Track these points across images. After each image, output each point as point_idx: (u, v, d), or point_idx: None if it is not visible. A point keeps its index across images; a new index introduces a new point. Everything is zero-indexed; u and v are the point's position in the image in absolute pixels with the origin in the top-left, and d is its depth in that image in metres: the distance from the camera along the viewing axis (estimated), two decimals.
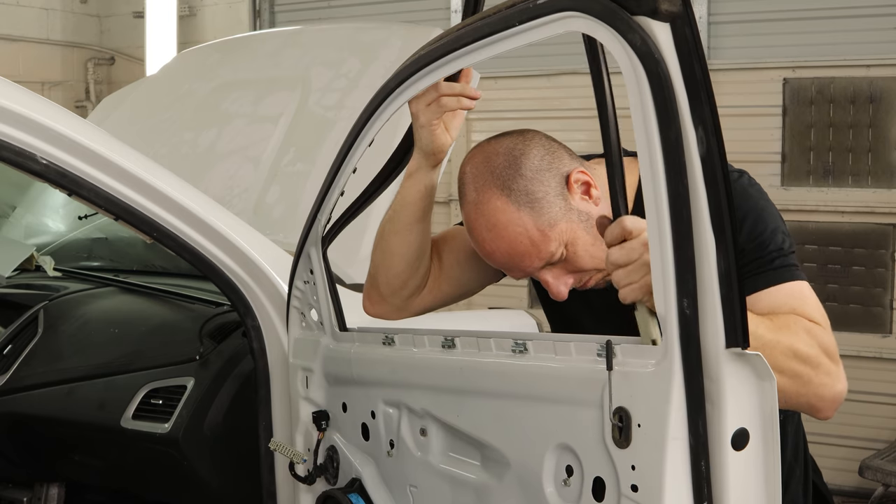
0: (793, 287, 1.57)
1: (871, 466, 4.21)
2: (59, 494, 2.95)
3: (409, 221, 1.80)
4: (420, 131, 1.73)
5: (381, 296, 1.91)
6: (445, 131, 1.74)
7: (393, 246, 1.83)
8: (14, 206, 3.75)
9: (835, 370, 1.48)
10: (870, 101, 4.66)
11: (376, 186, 1.92)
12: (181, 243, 2.15)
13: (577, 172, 1.66)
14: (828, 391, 1.46)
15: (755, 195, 1.66)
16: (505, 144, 1.68)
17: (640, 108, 1.23)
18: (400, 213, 1.80)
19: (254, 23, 6.59)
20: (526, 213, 1.61)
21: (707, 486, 1.26)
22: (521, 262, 1.66)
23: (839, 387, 1.48)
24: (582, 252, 1.64)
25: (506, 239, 1.64)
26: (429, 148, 1.74)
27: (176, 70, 3.88)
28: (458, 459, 1.70)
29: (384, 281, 1.88)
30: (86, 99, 7.04)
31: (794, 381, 1.43)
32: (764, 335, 1.40)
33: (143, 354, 2.74)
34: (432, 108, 1.70)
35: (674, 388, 1.24)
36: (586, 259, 1.65)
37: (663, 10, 1.19)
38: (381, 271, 1.88)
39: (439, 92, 1.69)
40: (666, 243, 1.23)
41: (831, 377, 1.47)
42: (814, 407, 1.48)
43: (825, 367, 1.46)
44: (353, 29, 3.67)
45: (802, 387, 1.45)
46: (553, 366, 1.45)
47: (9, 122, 1.86)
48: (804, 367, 1.44)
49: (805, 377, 1.44)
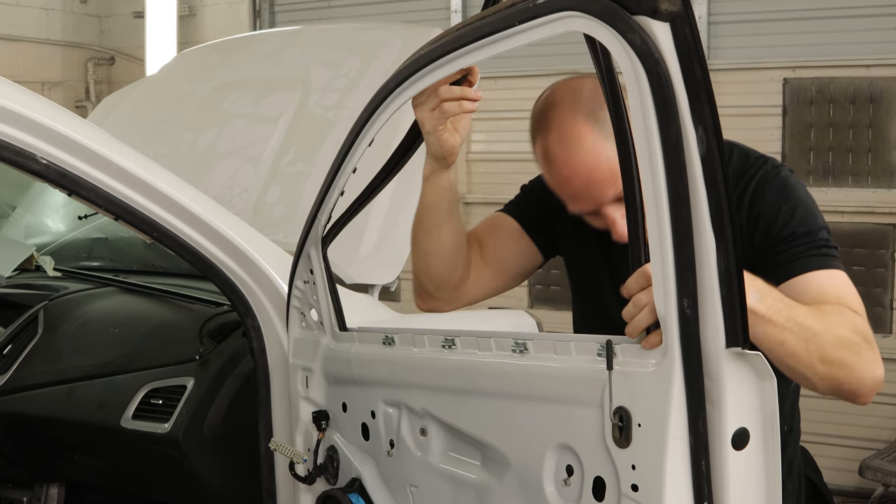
0: (839, 276, 1.64)
1: (871, 466, 4.21)
2: (59, 494, 2.95)
3: (436, 222, 1.88)
4: (427, 137, 1.77)
5: (429, 293, 2.01)
6: (454, 132, 1.77)
7: (426, 247, 1.93)
8: (14, 206, 3.75)
9: (873, 357, 1.54)
10: (870, 101, 4.66)
11: (374, 186, 1.92)
12: (181, 243, 2.15)
13: None
14: (868, 376, 1.52)
15: (801, 188, 1.75)
16: (589, 82, 1.71)
17: (640, 108, 1.23)
18: (426, 216, 1.89)
19: (254, 23, 6.59)
20: (609, 144, 1.62)
21: (707, 486, 1.26)
22: (597, 190, 1.70)
23: (878, 372, 1.53)
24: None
25: (587, 164, 1.69)
26: (438, 152, 1.78)
27: (176, 70, 3.88)
28: (459, 459, 1.70)
29: (427, 280, 1.98)
30: (86, 99, 7.04)
31: (840, 370, 1.49)
32: (813, 326, 1.46)
33: (143, 354, 2.74)
34: (436, 114, 1.73)
35: (674, 387, 1.24)
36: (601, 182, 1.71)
37: (663, 10, 1.19)
38: (422, 272, 1.98)
39: (440, 97, 1.71)
40: (666, 243, 1.23)
41: (871, 363, 1.52)
42: (855, 393, 1.52)
43: (866, 354, 1.52)
44: (353, 29, 3.67)
45: (847, 374, 1.50)
46: (553, 365, 1.45)
47: (9, 122, 1.85)
48: (849, 354, 1.50)
49: (850, 364, 1.49)
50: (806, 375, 1.49)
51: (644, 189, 1.26)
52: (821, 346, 1.47)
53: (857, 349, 1.51)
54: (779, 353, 1.45)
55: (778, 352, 1.44)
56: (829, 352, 1.48)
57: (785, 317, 1.44)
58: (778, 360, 1.44)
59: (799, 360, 1.46)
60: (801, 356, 1.46)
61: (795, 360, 1.46)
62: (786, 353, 1.45)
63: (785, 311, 1.44)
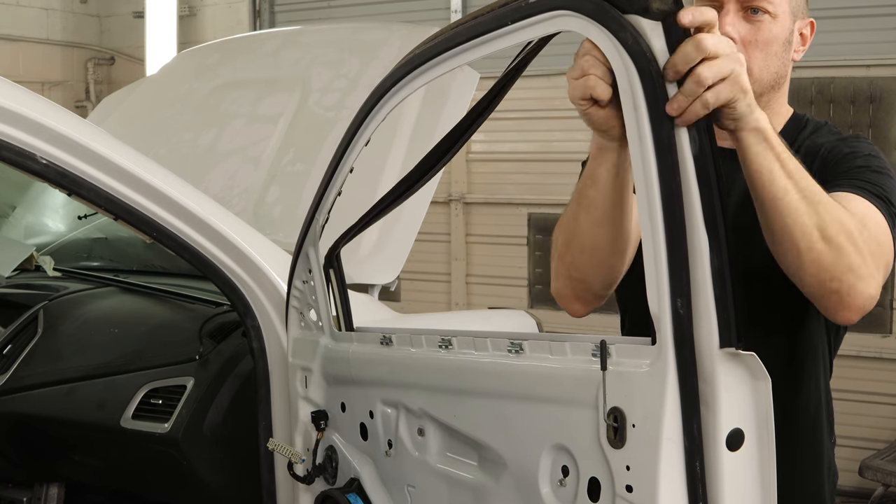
0: (878, 214, 1.54)
1: (871, 466, 4.21)
2: (59, 494, 2.95)
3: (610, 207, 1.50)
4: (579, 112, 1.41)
5: (596, 293, 1.66)
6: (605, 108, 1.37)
7: (598, 241, 1.54)
8: (14, 206, 3.75)
9: (875, 272, 1.44)
10: (870, 101, 4.66)
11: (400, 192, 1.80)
12: (181, 243, 2.16)
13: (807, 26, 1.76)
14: (862, 285, 1.42)
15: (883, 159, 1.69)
16: None
17: (632, 107, 1.24)
18: (597, 202, 1.49)
19: (254, 23, 6.60)
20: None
21: (702, 487, 1.25)
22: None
23: (872, 289, 1.44)
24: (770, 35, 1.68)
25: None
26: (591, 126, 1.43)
27: (176, 70, 3.89)
28: (456, 459, 1.70)
29: (598, 280, 1.62)
30: (86, 99, 7.05)
31: (838, 257, 1.39)
32: (821, 196, 1.39)
33: (142, 354, 2.74)
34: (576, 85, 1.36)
35: (668, 388, 1.24)
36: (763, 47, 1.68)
37: (654, 9, 1.20)
38: (591, 273, 1.60)
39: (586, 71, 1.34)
40: (659, 242, 1.23)
41: (869, 274, 1.43)
42: (842, 297, 1.42)
43: (867, 262, 1.42)
44: (353, 29, 3.68)
45: (842, 267, 1.40)
46: (548, 366, 1.45)
47: (9, 122, 1.86)
48: (851, 247, 1.40)
49: (848, 257, 1.40)
50: (799, 249, 1.39)
51: (637, 188, 1.26)
52: (824, 218, 1.37)
53: (859, 249, 1.41)
54: (779, 206, 1.37)
55: (779, 204, 1.36)
56: (832, 229, 1.38)
57: (794, 165, 1.37)
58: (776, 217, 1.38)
59: (797, 222, 1.37)
60: (802, 217, 1.37)
61: (794, 219, 1.37)
62: (786, 207, 1.36)
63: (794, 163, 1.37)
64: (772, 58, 1.70)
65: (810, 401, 1.75)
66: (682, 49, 1.21)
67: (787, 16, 1.71)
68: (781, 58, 1.72)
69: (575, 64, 1.35)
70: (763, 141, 1.35)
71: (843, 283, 1.42)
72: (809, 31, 1.78)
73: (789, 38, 1.72)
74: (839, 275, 1.41)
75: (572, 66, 1.36)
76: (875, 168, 1.65)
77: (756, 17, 1.68)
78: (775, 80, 1.73)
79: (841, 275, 1.41)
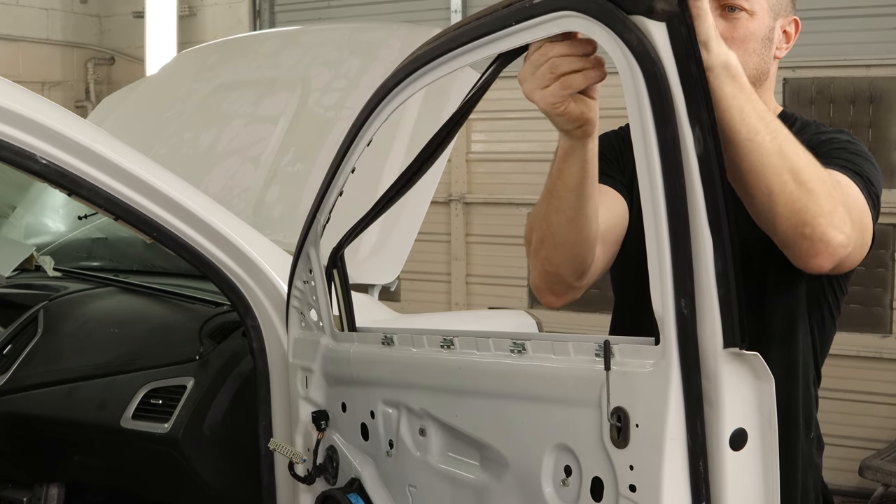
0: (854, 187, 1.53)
1: (871, 466, 4.21)
2: (59, 494, 2.95)
3: (582, 204, 1.56)
4: (549, 116, 1.47)
5: (569, 284, 1.71)
6: (581, 99, 1.42)
7: (572, 237, 1.60)
8: (14, 206, 3.75)
9: (847, 217, 1.42)
10: (870, 101, 4.66)
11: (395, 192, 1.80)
12: (181, 243, 2.15)
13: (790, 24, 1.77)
14: (835, 231, 1.40)
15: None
16: None
17: (636, 108, 1.24)
18: (569, 201, 1.55)
19: (254, 23, 6.59)
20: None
21: (705, 486, 1.25)
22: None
23: (843, 235, 1.42)
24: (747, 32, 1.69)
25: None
26: (568, 126, 1.46)
27: (176, 70, 3.89)
28: (457, 459, 1.70)
29: (570, 272, 1.67)
30: (86, 99, 7.04)
31: (810, 199, 1.38)
32: (790, 139, 1.39)
33: (142, 354, 2.74)
34: (553, 90, 1.40)
35: (671, 388, 1.24)
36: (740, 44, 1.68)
37: (659, 10, 1.20)
38: (563, 265, 1.66)
39: (556, 72, 1.38)
40: (663, 243, 1.23)
41: (842, 218, 1.41)
42: (815, 242, 1.41)
43: (839, 207, 1.41)
44: (353, 29, 3.67)
45: (815, 210, 1.39)
46: (551, 366, 1.45)
47: (9, 122, 1.86)
48: (822, 191, 1.39)
49: (820, 200, 1.39)
50: (771, 190, 1.38)
51: (641, 189, 1.26)
52: (795, 162, 1.37)
53: (831, 196, 1.40)
54: (751, 146, 1.35)
55: (750, 145, 1.35)
56: (805, 174, 1.37)
57: (763, 109, 1.37)
58: (746, 158, 1.37)
59: (769, 163, 1.36)
60: (773, 158, 1.36)
61: (765, 160, 1.36)
62: (757, 148, 1.35)
63: (764, 108, 1.37)
64: (750, 54, 1.71)
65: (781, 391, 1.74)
66: None
67: (765, 13, 1.72)
68: (761, 54, 1.73)
69: (535, 74, 1.39)
70: (733, 80, 1.34)
71: (816, 229, 1.40)
72: (794, 29, 1.79)
73: (769, 36, 1.73)
74: (811, 219, 1.40)
75: (530, 77, 1.40)
76: (853, 151, 1.66)
77: (733, 14, 1.69)
78: (756, 76, 1.73)
79: (813, 219, 1.40)
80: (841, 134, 1.75)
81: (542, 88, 1.39)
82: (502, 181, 5.73)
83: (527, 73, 1.40)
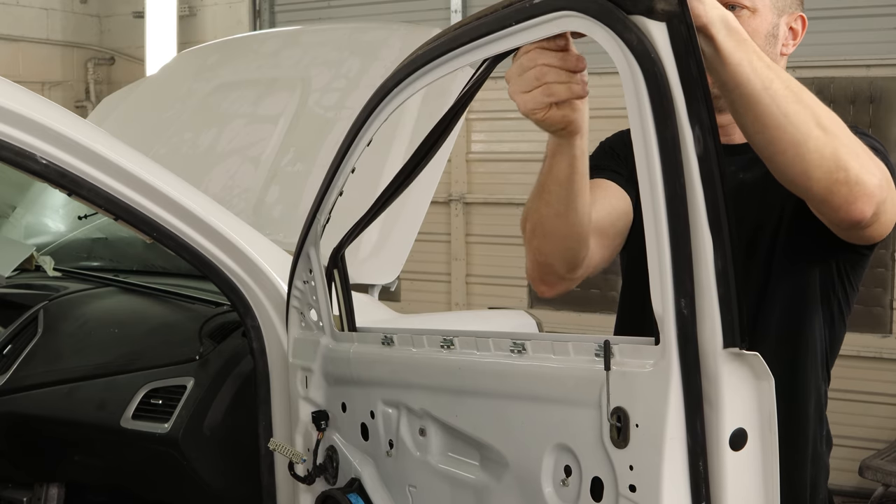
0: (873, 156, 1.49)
1: (871, 466, 4.22)
2: (59, 494, 2.95)
3: (572, 198, 1.58)
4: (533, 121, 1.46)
5: (560, 276, 1.75)
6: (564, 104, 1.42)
7: (562, 230, 1.63)
8: (14, 206, 3.75)
9: (874, 165, 1.41)
10: (870, 101, 4.66)
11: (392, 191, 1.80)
12: (181, 243, 2.15)
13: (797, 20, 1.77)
14: (870, 174, 1.38)
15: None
16: None
17: (636, 108, 1.23)
18: (559, 195, 1.57)
19: (254, 23, 6.60)
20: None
21: (705, 487, 1.25)
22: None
23: (876, 180, 1.40)
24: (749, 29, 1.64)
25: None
26: (553, 128, 1.47)
27: (176, 70, 3.89)
28: (457, 459, 1.70)
29: (562, 264, 1.71)
30: (86, 99, 7.05)
31: (840, 143, 1.36)
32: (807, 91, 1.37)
33: (142, 354, 2.74)
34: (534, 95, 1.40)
35: (671, 388, 1.24)
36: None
37: (659, 10, 1.19)
38: (555, 256, 1.69)
39: (541, 80, 1.38)
40: (663, 243, 1.23)
41: (867, 163, 1.39)
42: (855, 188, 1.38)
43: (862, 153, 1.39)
44: (353, 29, 3.67)
45: (849, 155, 1.36)
46: (551, 366, 1.45)
47: (9, 122, 1.86)
48: (844, 133, 1.38)
49: (844, 141, 1.37)
50: (797, 139, 1.36)
51: (641, 188, 1.26)
52: (815, 109, 1.36)
53: (854, 140, 1.39)
54: (768, 96, 1.33)
55: (767, 95, 1.33)
56: (826, 119, 1.36)
57: (769, 61, 1.35)
58: (765, 111, 1.35)
59: (790, 110, 1.34)
60: (792, 105, 1.35)
61: (786, 108, 1.34)
62: (774, 96, 1.33)
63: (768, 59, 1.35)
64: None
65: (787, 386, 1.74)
66: None
67: (768, 10, 1.72)
68: (765, 50, 1.71)
69: (522, 77, 1.39)
70: (734, 33, 1.34)
71: (850, 172, 1.38)
72: (801, 26, 1.79)
73: (773, 32, 1.74)
74: (843, 163, 1.38)
75: (516, 78, 1.40)
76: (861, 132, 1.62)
77: (735, 13, 1.68)
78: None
79: (846, 163, 1.38)
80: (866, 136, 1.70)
81: (525, 92, 1.40)
82: (502, 181, 5.73)
83: (514, 73, 1.41)
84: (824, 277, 1.75)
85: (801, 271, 1.72)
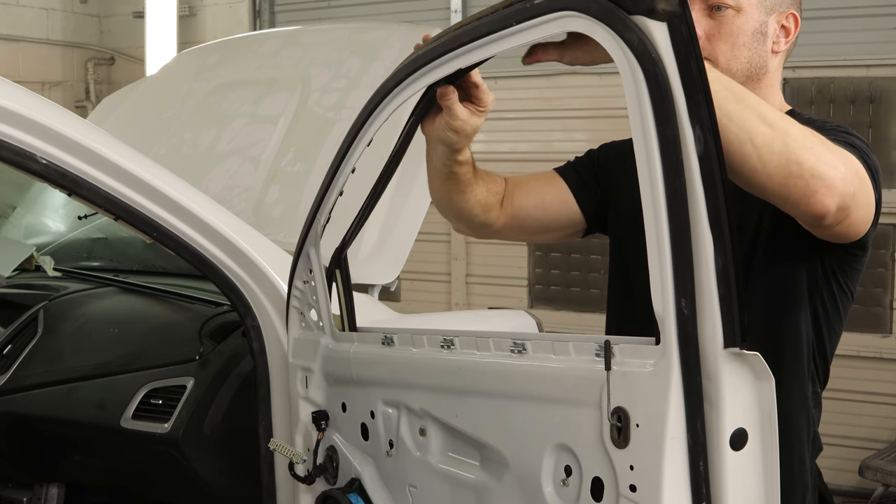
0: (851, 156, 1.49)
1: (871, 466, 4.22)
2: (59, 494, 2.95)
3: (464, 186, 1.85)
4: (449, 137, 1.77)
5: (472, 228, 1.98)
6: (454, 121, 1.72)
7: (458, 203, 1.88)
8: (14, 206, 3.75)
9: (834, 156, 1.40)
10: (870, 101, 4.66)
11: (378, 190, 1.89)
12: (181, 243, 2.15)
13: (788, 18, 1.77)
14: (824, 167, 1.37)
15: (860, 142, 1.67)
16: None
17: (637, 108, 1.23)
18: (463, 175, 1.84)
19: (254, 23, 6.59)
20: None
21: (705, 486, 1.25)
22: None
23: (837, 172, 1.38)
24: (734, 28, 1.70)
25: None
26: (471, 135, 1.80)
27: (176, 70, 3.88)
28: (458, 459, 1.70)
29: (467, 224, 1.95)
30: (86, 99, 7.04)
31: (782, 135, 1.37)
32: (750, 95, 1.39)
33: (142, 354, 2.74)
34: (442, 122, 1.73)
35: (672, 387, 1.24)
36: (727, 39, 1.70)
37: (660, 10, 1.20)
38: (463, 221, 1.95)
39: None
40: (664, 242, 1.23)
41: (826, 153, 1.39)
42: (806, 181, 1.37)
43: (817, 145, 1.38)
44: (353, 29, 3.67)
45: (789, 145, 1.36)
46: (551, 366, 1.45)
47: (9, 122, 1.86)
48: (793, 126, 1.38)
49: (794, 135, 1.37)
50: (742, 140, 1.36)
51: (642, 188, 1.26)
52: (758, 108, 1.36)
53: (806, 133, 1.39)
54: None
55: None
56: (771, 115, 1.37)
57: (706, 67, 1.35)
58: None
59: (731, 111, 1.35)
60: (733, 105, 1.36)
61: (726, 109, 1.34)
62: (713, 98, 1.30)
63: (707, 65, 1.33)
64: (740, 48, 1.72)
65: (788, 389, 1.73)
66: None
67: (753, 8, 1.72)
68: (753, 48, 1.73)
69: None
70: None
71: (803, 165, 1.38)
72: (794, 24, 1.78)
73: (761, 30, 1.73)
74: (796, 156, 1.38)
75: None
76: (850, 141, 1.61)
77: (720, 13, 1.71)
78: (750, 71, 1.74)
79: (797, 156, 1.38)
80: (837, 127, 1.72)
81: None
82: None
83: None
84: (810, 276, 1.73)
85: (783, 270, 1.71)
